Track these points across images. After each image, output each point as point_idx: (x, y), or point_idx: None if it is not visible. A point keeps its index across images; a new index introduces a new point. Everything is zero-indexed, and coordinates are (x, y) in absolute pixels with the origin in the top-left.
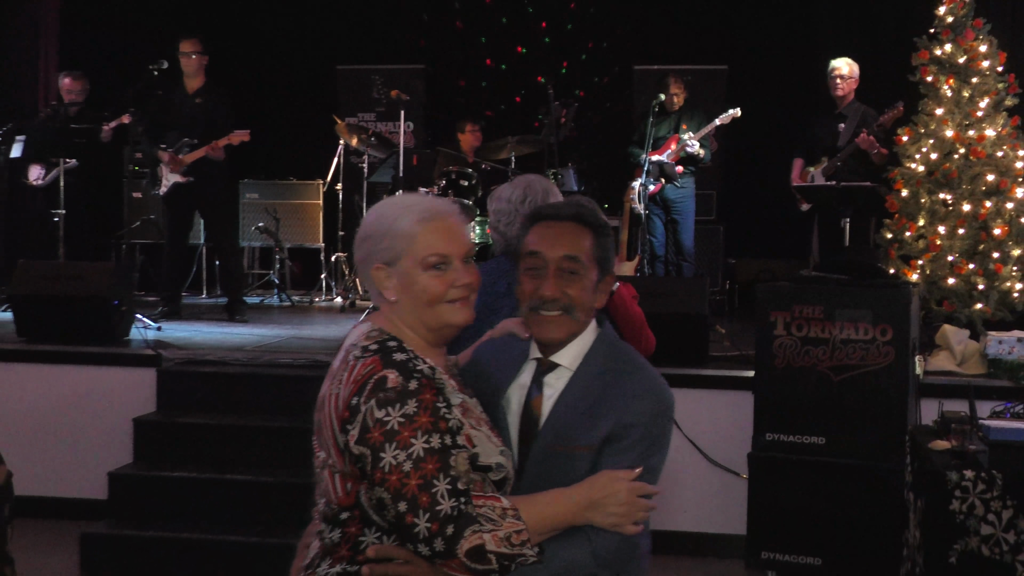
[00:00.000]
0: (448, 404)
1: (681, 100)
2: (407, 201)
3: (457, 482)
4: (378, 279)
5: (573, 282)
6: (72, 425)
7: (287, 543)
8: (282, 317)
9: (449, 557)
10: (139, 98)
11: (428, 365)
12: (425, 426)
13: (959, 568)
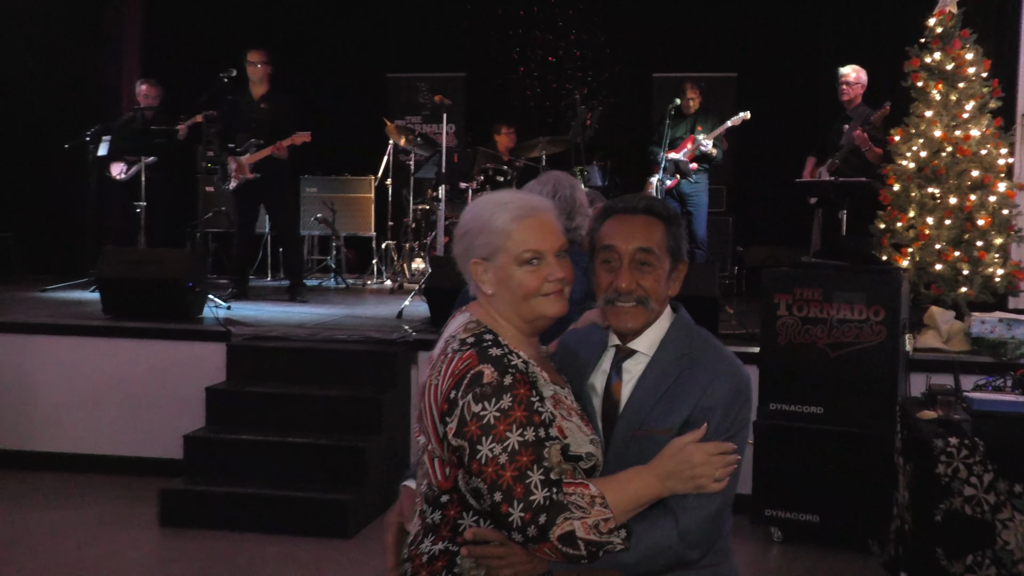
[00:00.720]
0: (541, 397)
1: (696, 104)
2: (503, 198)
3: (550, 472)
4: (476, 273)
5: (647, 273)
6: (152, 393)
7: (339, 499)
8: (338, 298)
9: (542, 542)
10: (211, 103)
11: (522, 359)
12: (520, 420)
13: (944, 525)
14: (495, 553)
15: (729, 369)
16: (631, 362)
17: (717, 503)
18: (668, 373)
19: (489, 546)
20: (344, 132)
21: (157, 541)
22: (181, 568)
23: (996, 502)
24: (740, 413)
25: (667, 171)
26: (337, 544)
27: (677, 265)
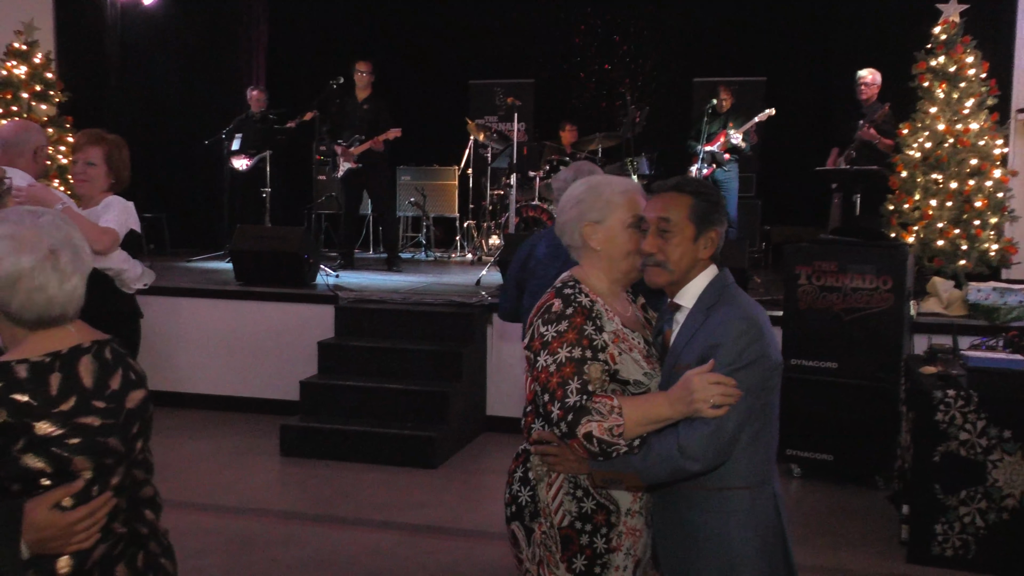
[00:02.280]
0: (599, 328)
1: (729, 104)
2: (610, 178)
3: (587, 385)
4: (587, 233)
5: (666, 240)
6: (274, 346)
7: (426, 435)
8: (427, 268)
9: (571, 437)
10: (321, 104)
11: (589, 299)
12: (570, 340)
13: (941, 465)
14: (552, 451)
15: (740, 313)
16: (680, 314)
17: (713, 425)
18: (697, 320)
19: (549, 446)
20: (433, 129)
21: (278, 467)
22: (297, 489)
23: (988, 445)
24: (747, 350)
25: (704, 161)
26: (424, 473)
27: (705, 231)
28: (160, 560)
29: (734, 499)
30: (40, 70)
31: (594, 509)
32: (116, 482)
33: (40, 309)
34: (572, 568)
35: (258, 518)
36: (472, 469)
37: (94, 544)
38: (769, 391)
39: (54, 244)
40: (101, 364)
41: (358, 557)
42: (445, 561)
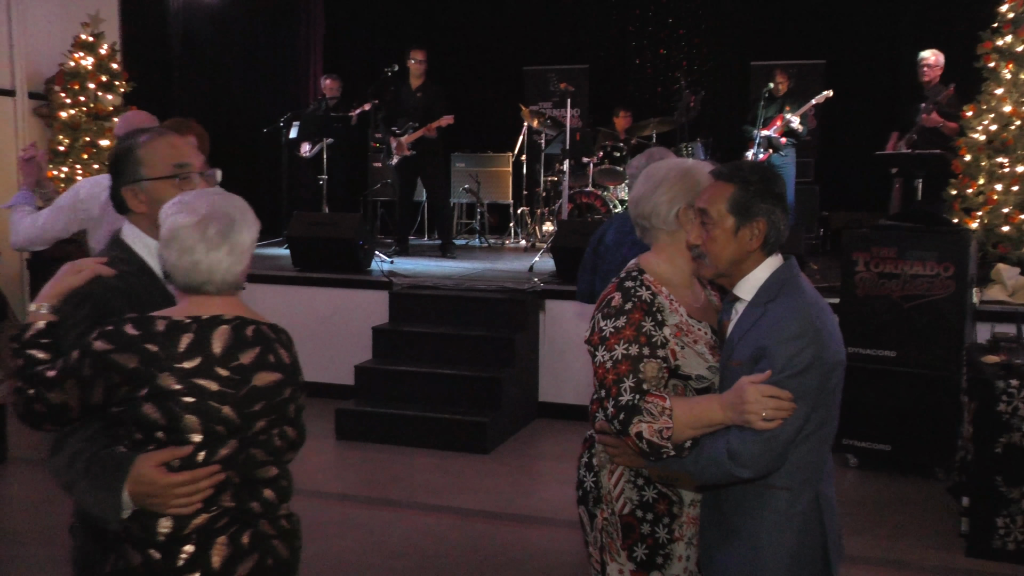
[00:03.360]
0: (659, 323)
1: (785, 87)
2: (701, 163)
3: (641, 383)
4: (684, 215)
5: (705, 231)
6: (330, 331)
7: (479, 420)
8: (481, 254)
9: (624, 435)
10: (377, 93)
11: (650, 292)
12: (627, 337)
13: (1003, 456)
14: (612, 443)
15: (796, 312)
16: (739, 305)
17: (767, 435)
18: (754, 315)
19: (609, 436)
20: (487, 116)
21: (334, 450)
22: (352, 471)
23: None
24: (800, 355)
25: (760, 146)
26: (477, 457)
27: (748, 222)
28: (272, 541)
29: (771, 499)
30: (106, 61)
31: (655, 498)
32: (226, 454)
33: (186, 271)
34: (633, 557)
35: (314, 500)
36: (524, 454)
37: (196, 512)
38: (828, 393)
39: (209, 213)
40: (237, 337)
41: (411, 540)
42: (497, 545)
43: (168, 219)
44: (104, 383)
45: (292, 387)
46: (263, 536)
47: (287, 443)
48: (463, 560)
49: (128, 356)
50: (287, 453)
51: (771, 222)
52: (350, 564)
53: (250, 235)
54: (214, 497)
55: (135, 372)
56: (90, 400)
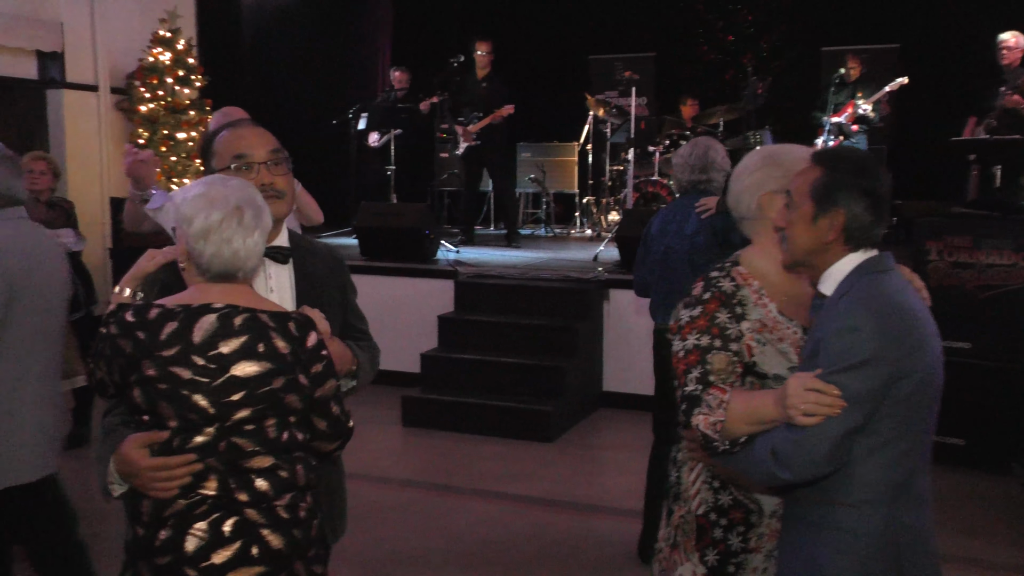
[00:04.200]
0: (738, 316)
1: (857, 73)
2: (790, 147)
3: (707, 375)
4: (766, 203)
5: (788, 214)
6: (397, 319)
7: (542, 409)
8: (546, 244)
9: (687, 427)
10: (443, 83)
11: (733, 284)
12: (700, 327)
13: None
14: (689, 436)
15: (857, 305)
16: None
17: (806, 432)
18: (827, 311)
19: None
20: (553, 106)
21: (400, 437)
22: (418, 458)
23: None
24: (853, 349)
25: (830, 133)
26: (540, 446)
27: (827, 211)
28: (261, 530)
29: (834, 516)
30: (182, 56)
31: (730, 505)
32: (201, 442)
33: (226, 260)
34: (704, 560)
35: (378, 485)
36: (587, 444)
37: (173, 497)
38: (900, 403)
39: (239, 202)
40: (222, 326)
41: (473, 526)
42: (558, 533)
43: (199, 213)
44: (116, 364)
45: (286, 377)
46: (250, 525)
47: (308, 434)
48: (524, 547)
49: (126, 341)
50: (319, 443)
51: (852, 215)
52: (412, 548)
53: (269, 218)
54: (193, 484)
55: (130, 357)
56: (112, 379)
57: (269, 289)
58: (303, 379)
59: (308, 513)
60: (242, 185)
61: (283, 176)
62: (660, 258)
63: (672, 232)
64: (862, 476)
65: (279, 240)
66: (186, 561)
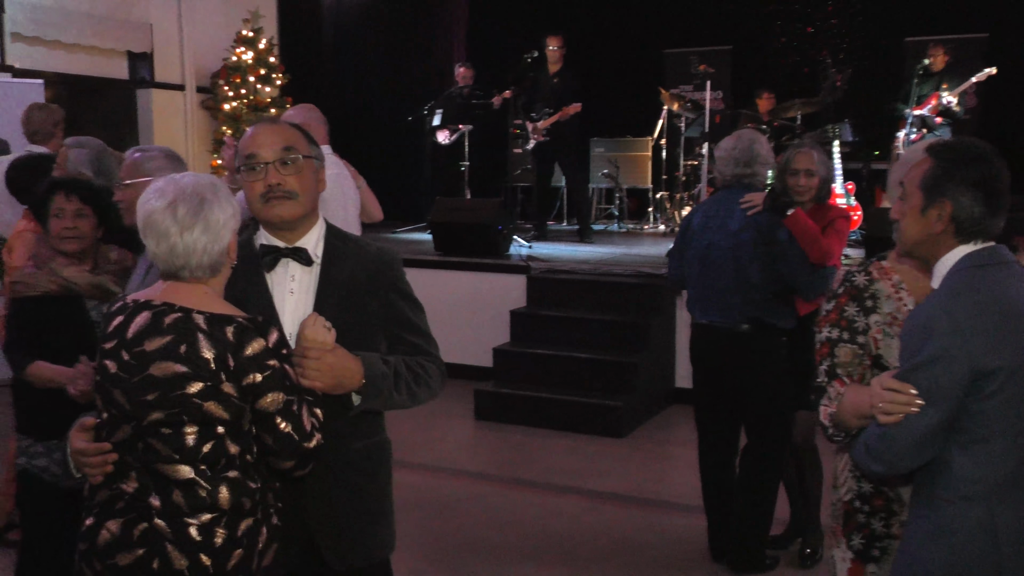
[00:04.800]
0: (868, 310)
1: (942, 64)
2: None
3: (835, 367)
4: (889, 193)
5: (901, 206)
6: (469, 314)
7: (614, 404)
8: (619, 239)
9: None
10: (517, 79)
11: (868, 278)
12: (831, 320)
13: None
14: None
15: (935, 302)
16: None
17: (887, 429)
18: None
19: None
20: (627, 100)
21: (472, 430)
22: (489, 451)
23: None
24: (926, 346)
25: (913, 126)
26: (611, 441)
27: (932, 203)
28: (165, 544)
29: (933, 510)
30: (264, 55)
31: (872, 493)
32: (120, 437)
33: (165, 257)
34: (851, 545)
35: (452, 477)
36: (658, 440)
37: (100, 486)
38: (986, 398)
39: (177, 195)
40: (153, 324)
41: (543, 519)
42: (628, 529)
43: (141, 207)
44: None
45: (205, 384)
46: (156, 535)
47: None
48: (594, 543)
49: (99, 330)
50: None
51: (959, 206)
52: (484, 541)
53: (223, 213)
54: (114, 477)
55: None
56: None
57: (289, 291)
58: (229, 388)
59: (226, 541)
60: (195, 180)
61: (294, 176)
62: (701, 253)
63: (715, 227)
64: (959, 472)
65: (306, 240)
66: (95, 553)
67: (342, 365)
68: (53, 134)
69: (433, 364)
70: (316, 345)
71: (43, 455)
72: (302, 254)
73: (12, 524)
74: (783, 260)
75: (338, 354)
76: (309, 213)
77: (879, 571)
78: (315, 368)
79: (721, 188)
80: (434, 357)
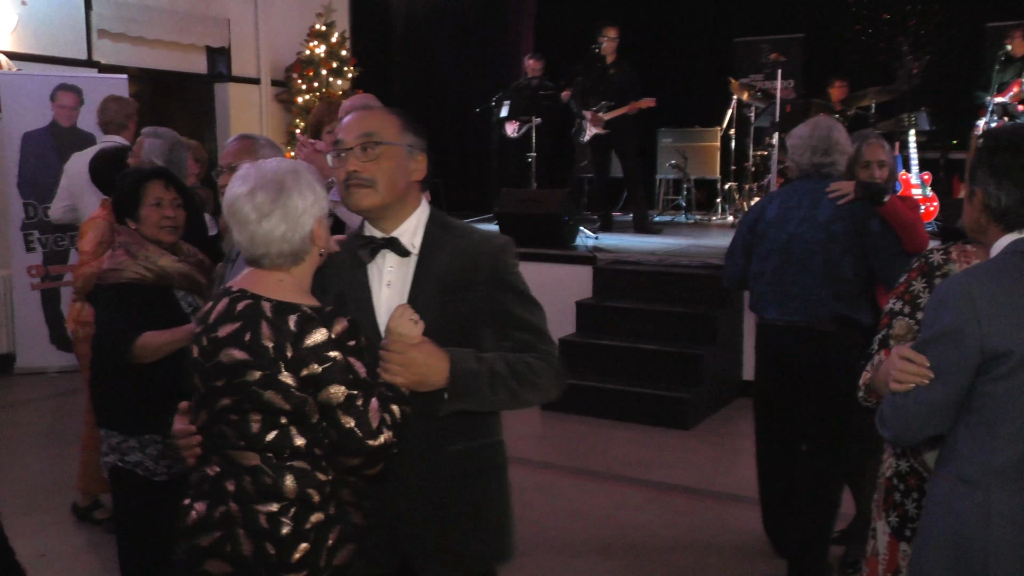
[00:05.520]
0: (932, 287)
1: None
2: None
3: (888, 339)
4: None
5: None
6: None
7: (680, 396)
8: (687, 230)
9: None
10: (584, 70)
11: (944, 257)
12: (898, 292)
13: None
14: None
15: (956, 279)
16: None
17: (895, 398)
18: None
19: None
20: (695, 90)
21: (539, 421)
22: (556, 441)
23: None
24: (937, 321)
25: (994, 114)
26: (677, 433)
27: (971, 190)
28: (237, 529)
29: (937, 487)
30: (336, 48)
31: (907, 471)
32: (202, 421)
33: (245, 245)
34: (888, 521)
35: (519, 466)
36: (725, 432)
37: (194, 468)
38: (994, 381)
39: (258, 182)
40: (227, 311)
41: (609, 510)
42: (695, 521)
43: (226, 193)
44: None
45: (264, 372)
46: (231, 519)
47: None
48: (661, 534)
49: None
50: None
51: (987, 194)
52: (551, 530)
53: (304, 200)
54: (202, 460)
55: None
56: None
57: (387, 283)
58: (288, 378)
59: (292, 532)
60: (277, 166)
61: (373, 163)
62: (781, 247)
63: (798, 219)
64: (963, 452)
65: (403, 229)
66: (184, 532)
67: (426, 361)
68: (125, 125)
69: (543, 362)
70: (400, 339)
71: (136, 449)
72: (396, 244)
73: (97, 503)
74: (876, 252)
75: (423, 349)
76: (394, 202)
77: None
78: (397, 363)
79: (797, 178)
80: (544, 354)
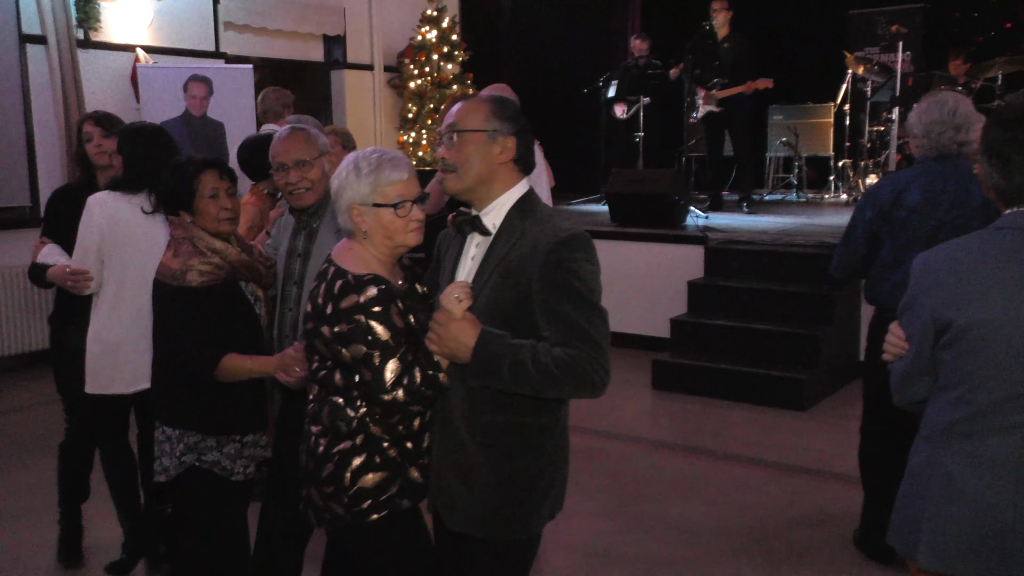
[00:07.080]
0: None
1: None
2: None
3: None
4: None
5: None
6: (646, 285)
7: (795, 377)
8: (798, 209)
9: None
10: (694, 48)
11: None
12: None
13: None
14: None
15: (921, 256)
16: None
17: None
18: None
19: None
20: (808, 65)
21: (649, 399)
22: (667, 421)
23: None
24: (908, 292)
25: None
26: (792, 414)
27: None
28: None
29: (916, 445)
30: (447, 33)
31: None
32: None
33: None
34: None
35: (631, 444)
36: (843, 414)
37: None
38: (945, 348)
39: (357, 157)
40: (320, 271)
41: (726, 489)
42: (815, 502)
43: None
44: None
45: (313, 323)
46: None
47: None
48: (778, 515)
49: None
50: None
51: (984, 171)
52: (668, 509)
53: (342, 188)
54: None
55: None
56: None
57: (470, 256)
58: (326, 331)
59: (323, 453)
60: (380, 148)
61: (454, 149)
62: (927, 236)
63: (947, 204)
64: (928, 413)
65: (488, 210)
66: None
67: (456, 337)
68: (281, 114)
69: (573, 361)
70: (445, 313)
71: (214, 449)
72: (478, 223)
73: None
74: None
75: (460, 326)
76: (477, 185)
77: None
78: (435, 333)
79: (934, 158)
80: (578, 355)
